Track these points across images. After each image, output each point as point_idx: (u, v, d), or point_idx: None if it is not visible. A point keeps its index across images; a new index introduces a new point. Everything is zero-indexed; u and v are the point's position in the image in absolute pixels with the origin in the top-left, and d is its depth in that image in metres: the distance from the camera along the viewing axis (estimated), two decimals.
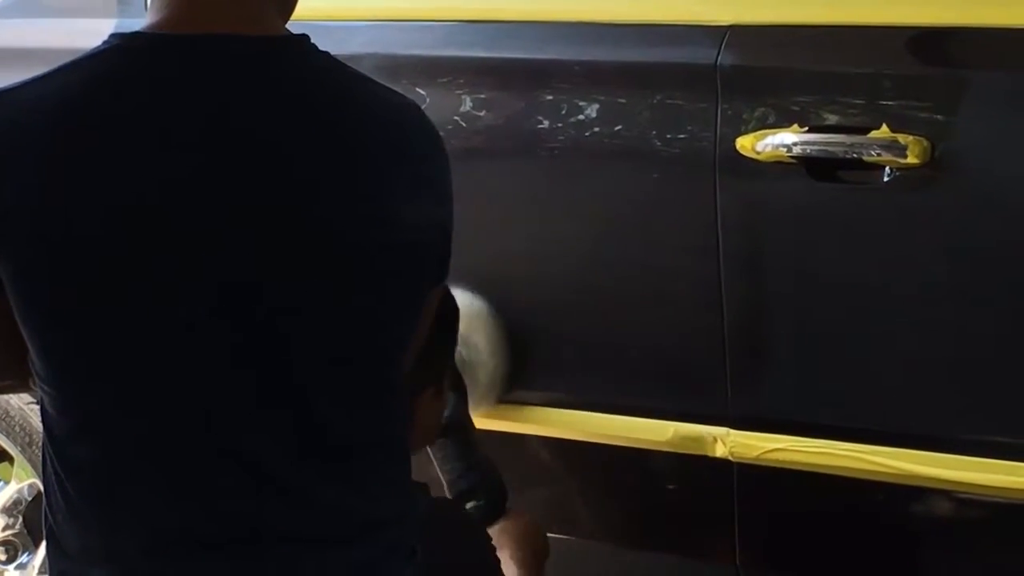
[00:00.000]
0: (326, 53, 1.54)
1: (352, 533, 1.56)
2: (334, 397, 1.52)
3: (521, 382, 2.34)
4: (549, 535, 2.27)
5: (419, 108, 1.60)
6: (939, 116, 1.98)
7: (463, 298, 2.18)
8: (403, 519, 1.62)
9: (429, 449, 2.18)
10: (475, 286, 2.23)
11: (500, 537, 2.16)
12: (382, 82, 1.59)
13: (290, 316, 1.48)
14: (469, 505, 2.19)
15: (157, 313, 1.45)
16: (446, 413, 2.14)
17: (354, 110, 1.52)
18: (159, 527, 1.51)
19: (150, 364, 1.46)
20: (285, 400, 1.49)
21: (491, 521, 2.19)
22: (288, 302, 1.47)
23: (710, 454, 2.19)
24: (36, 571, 2.85)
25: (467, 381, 2.25)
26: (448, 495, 2.21)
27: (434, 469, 2.22)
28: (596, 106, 2.21)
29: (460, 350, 2.20)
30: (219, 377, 1.47)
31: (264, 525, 1.52)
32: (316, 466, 1.52)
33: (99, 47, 1.49)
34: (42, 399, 1.52)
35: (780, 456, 2.14)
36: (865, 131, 1.97)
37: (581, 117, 2.20)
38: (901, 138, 1.94)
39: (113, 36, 1.49)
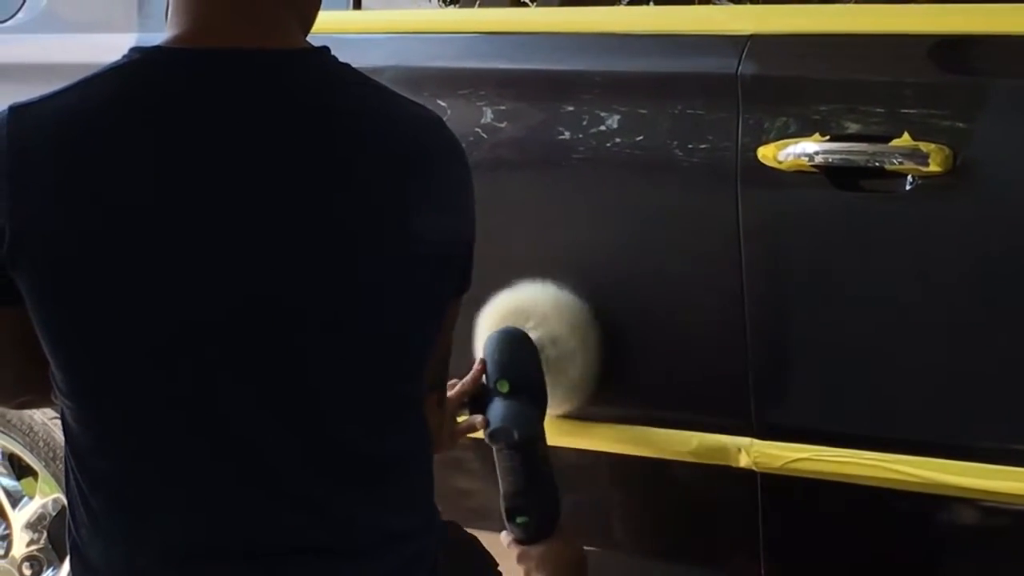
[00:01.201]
0: (346, 65, 1.55)
1: (374, 545, 1.56)
2: (352, 412, 1.52)
3: None
4: None
5: (441, 121, 1.60)
6: (961, 124, 1.97)
7: (548, 289, 2.16)
8: (424, 531, 1.62)
9: (495, 456, 2.14)
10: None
11: (542, 559, 2.14)
12: (404, 94, 1.59)
13: (307, 330, 1.47)
14: (517, 520, 2.15)
15: (174, 326, 1.45)
16: (519, 430, 2.10)
17: (374, 123, 1.52)
18: (179, 539, 1.51)
19: (168, 376, 1.46)
20: (303, 414, 1.49)
21: (534, 540, 2.16)
22: (305, 315, 1.47)
23: (734, 464, 2.18)
24: None
25: (552, 380, 2.20)
26: (502, 505, 2.17)
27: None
28: (617, 117, 2.21)
29: (546, 348, 2.18)
30: (237, 390, 1.47)
31: (283, 537, 1.52)
32: (335, 479, 1.52)
33: (119, 61, 1.49)
34: (63, 412, 1.52)
35: (804, 466, 2.13)
36: (887, 140, 1.97)
37: (603, 128, 2.20)
38: (923, 146, 1.93)
39: (133, 50, 1.49)
